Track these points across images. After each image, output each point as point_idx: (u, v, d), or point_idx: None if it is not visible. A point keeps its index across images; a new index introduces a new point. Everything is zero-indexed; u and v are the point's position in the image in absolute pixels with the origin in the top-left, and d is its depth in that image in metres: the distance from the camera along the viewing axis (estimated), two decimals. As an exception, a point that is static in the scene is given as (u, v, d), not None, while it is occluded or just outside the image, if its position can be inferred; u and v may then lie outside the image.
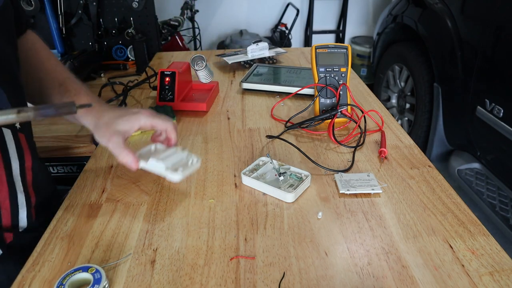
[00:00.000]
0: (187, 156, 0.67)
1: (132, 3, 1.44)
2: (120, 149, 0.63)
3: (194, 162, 0.66)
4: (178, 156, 0.67)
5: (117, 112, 0.68)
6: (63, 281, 0.51)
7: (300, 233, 0.61)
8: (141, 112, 0.67)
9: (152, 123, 0.67)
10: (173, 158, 0.66)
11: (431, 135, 2.06)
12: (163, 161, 0.63)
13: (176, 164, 0.65)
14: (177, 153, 0.68)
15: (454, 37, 1.81)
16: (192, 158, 0.67)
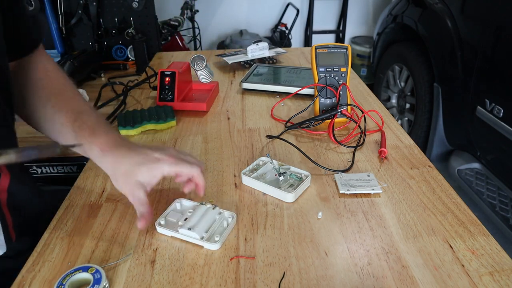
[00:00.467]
0: (219, 214, 0.61)
1: (132, 3, 1.44)
2: (143, 206, 0.58)
3: (229, 221, 0.60)
4: (210, 216, 0.61)
5: (137, 157, 0.59)
6: (63, 281, 0.51)
7: (300, 233, 0.61)
8: (164, 159, 0.59)
9: (177, 170, 0.59)
10: (206, 220, 0.60)
11: (431, 135, 2.06)
12: (195, 230, 0.58)
13: (210, 228, 0.59)
14: (208, 213, 0.61)
15: (454, 37, 1.81)
16: (224, 216, 0.61)
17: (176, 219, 0.62)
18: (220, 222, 0.61)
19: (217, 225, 0.60)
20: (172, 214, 0.63)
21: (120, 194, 0.71)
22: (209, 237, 0.58)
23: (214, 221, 0.61)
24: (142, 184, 0.58)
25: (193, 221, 0.59)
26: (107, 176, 0.76)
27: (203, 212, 0.62)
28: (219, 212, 0.62)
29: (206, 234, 0.58)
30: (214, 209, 0.62)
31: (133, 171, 0.58)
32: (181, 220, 0.61)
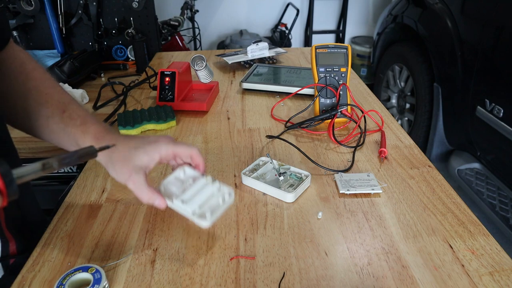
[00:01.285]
0: (218, 189, 0.59)
1: (132, 3, 1.44)
2: (143, 189, 0.55)
3: (226, 198, 0.58)
4: (207, 190, 0.59)
5: (132, 142, 0.58)
6: (63, 281, 0.50)
7: (300, 233, 0.61)
8: (160, 140, 0.58)
9: (174, 151, 0.58)
10: (202, 194, 0.58)
11: (431, 135, 2.06)
12: (189, 203, 0.56)
13: (205, 204, 0.57)
14: (207, 187, 0.59)
15: (454, 37, 1.81)
16: (223, 191, 0.59)
17: (175, 188, 0.59)
18: (217, 198, 0.58)
19: (214, 201, 0.58)
20: (174, 182, 0.60)
21: (120, 194, 0.71)
22: (201, 213, 0.55)
23: (211, 196, 0.58)
24: (141, 168, 0.56)
25: (189, 194, 0.57)
26: (107, 176, 0.76)
27: (202, 185, 0.59)
28: (218, 187, 0.59)
29: (199, 209, 0.56)
30: (214, 183, 0.59)
31: (130, 155, 0.56)
32: (179, 190, 0.59)
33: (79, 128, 0.60)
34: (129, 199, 0.70)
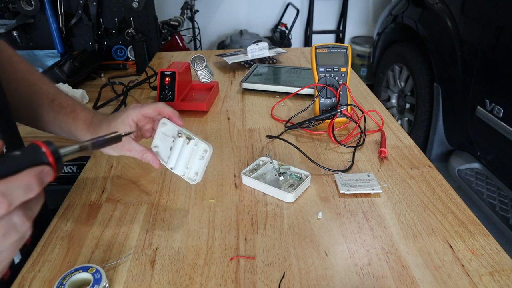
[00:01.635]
0: (196, 146, 0.62)
1: (132, 3, 1.44)
2: (139, 151, 0.61)
3: (205, 156, 0.61)
4: (187, 150, 0.62)
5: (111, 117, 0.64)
6: (63, 281, 0.51)
7: (300, 233, 0.61)
8: (128, 108, 0.63)
9: (142, 112, 0.63)
10: (184, 155, 0.62)
11: (431, 135, 2.06)
12: (177, 169, 0.62)
13: (190, 163, 0.62)
14: (185, 146, 0.62)
15: (454, 37, 1.81)
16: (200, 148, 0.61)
17: (165, 146, 0.63)
18: (197, 156, 0.62)
19: (195, 159, 0.62)
20: (162, 138, 0.64)
21: (120, 194, 0.71)
22: (189, 173, 0.61)
23: (191, 154, 0.62)
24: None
25: (174, 158, 0.62)
26: (107, 176, 0.76)
27: (181, 145, 0.63)
28: (195, 144, 0.62)
29: (186, 170, 0.61)
30: (189, 143, 0.63)
31: (111, 128, 0.61)
32: (167, 150, 0.63)
33: (70, 115, 0.65)
34: (129, 199, 0.70)
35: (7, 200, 0.31)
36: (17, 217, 0.32)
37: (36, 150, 0.34)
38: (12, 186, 0.32)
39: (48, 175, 0.35)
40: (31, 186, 0.33)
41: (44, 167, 0.34)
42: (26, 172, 0.33)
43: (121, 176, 0.76)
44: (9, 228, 0.32)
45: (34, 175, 0.33)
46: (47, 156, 0.35)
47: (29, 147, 0.35)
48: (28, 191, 0.33)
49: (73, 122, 0.64)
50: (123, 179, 0.75)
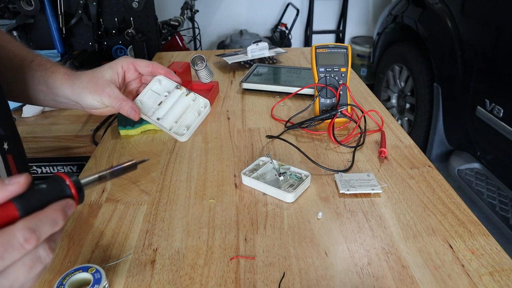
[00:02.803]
0: (193, 100, 0.59)
1: (132, 3, 1.44)
2: (119, 99, 0.58)
3: (202, 110, 0.58)
4: (183, 102, 0.59)
5: (93, 69, 0.63)
6: (63, 281, 0.51)
7: (300, 233, 0.61)
8: (120, 57, 0.63)
9: (133, 62, 0.62)
10: (178, 108, 0.59)
11: (431, 135, 2.06)
12: (165, 120, 0.57)
13: (181, 118, 0.58)
14: (182, 98, 0.59)
15: (454, 37, 1.81)
16: (199, 103, 0.58)
17: (152, 102, 0.60)
18: (193, 110, 0.58)
19: (190, 113, 0.58)
20: (150, 95, 0.60)
21: (120, 194, 0.71)
22: (178, 128, 0.57)
23: (187, 108, 0.59)
24: (110, 81, 0.60)
25: (164, 110, 0.59)
26: (107, 176, 0.76)
27: (177, 97, 0.59)
28: (193, 99, 0.59)
29: (175, 124, 0.57)
30: (188, 95, 0.60)
31: (96, 74, 0.61)
32: (155, 104, 0.59)
33: (49, 70, 0.63)
34: (129, 199, 0.70)
35: (36, 235, 0.32)
36: (43, 250, 0.33)
37: (61, 183, 0.36)
38: (40, 222, 0.33)
39: (71, 207, 0.36)
40: (57, 220, 0.34)
41: (68, 201, 0.35)
42: (52, 207, 0.34)
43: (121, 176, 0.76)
44: (35, 261, 0.33)
45: (59, 210, 0.34)
46: (70, 188, 0.36)
47: (53, 180, 0.36)
48: (54, 225, 0.34)
49: (52, 75, 0.63)
50: (123, 179, 0.75)
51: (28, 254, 0.32)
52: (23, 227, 0.32)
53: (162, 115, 0.58)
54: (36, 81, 0.63)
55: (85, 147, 1.03)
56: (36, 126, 1.11)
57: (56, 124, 1.11)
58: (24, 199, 0.33)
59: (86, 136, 1.05)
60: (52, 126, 1.11)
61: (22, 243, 0.31)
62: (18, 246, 0.31)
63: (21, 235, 0.31)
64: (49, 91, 0.64)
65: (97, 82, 0.60)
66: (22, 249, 0.31)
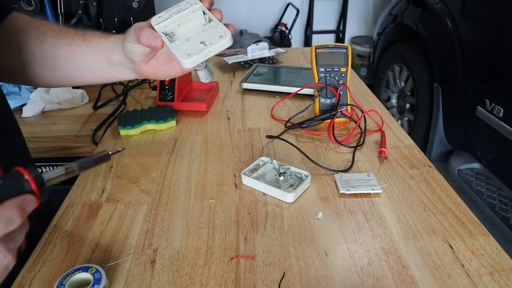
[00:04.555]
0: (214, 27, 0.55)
1: (132, 3, 1.44)
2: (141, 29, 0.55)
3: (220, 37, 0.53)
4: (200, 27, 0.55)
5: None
6: (63, 281, 0.51)
7: (300, 233, 0.61)
8: None
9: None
10: (196, 32, 0.55)
11: (431, 135, 2.06)
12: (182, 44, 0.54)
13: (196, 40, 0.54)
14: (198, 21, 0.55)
15: (454, 37, 1.81)
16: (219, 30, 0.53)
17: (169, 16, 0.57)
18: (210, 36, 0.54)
19: (206, 37, 0.53)
20: (172, 11, 0.58)
21: (120, 194, 0.71)
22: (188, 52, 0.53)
23: (203, 31, 0.55)
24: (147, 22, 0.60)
25: (182, 31, 0.56)
26: (107, 176, 0.76)
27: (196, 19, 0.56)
28: (212, 23, 0.55)
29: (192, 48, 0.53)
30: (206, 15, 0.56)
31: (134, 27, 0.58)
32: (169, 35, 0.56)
33: (103, 37, 0.63)
34: (129, 199, 0.70)
35: None
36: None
37: (18, 178, 0.33)
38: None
39: (31, 203, 0.34)
40: (12, 218, 0.32)
41: (26, 196, 0.33)
42: (7, 204, 0.32)
43: (121, 176, 0.76)
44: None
45: (15, 207, 0.32)
46: (29, 184, 0.34)
47: (10, 175, 0.34)
48: (9, 224, 0.32)
49: (106, 39, 0.63)
50: (123, 179, 0.75)
51: None
52: None
53: (179, 35, 0.56)
54: (91, 50, 0.63)
55: (85, 147, 1.03)
56: (36, 126, 1.11)
57: (56, 124, 1.11)
58: None
59: (86, 136, 1.05)
60: (52, 126, 1.10)
61: None
62: None
63: None
64: (103, 57, 0.63)
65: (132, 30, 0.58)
66: None
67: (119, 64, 0.63)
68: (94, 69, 0.65)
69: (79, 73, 0.66)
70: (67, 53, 0.64)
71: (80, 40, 0.64)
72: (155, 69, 0.62)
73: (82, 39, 0.64)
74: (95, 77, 0.67)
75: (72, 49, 0.64)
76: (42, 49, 0.64)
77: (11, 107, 0.72)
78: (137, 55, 0.59)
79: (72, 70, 0.65)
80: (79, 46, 0.63)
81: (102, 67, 0.64)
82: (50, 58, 0.64)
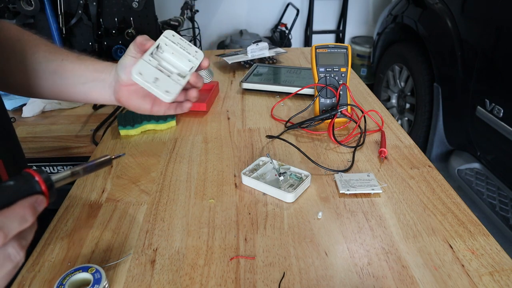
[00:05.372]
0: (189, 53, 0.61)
1: (132, 3, 1.44)
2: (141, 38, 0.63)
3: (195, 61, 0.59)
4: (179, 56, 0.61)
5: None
6: (63, 281, 0.51)
7: (300, 233, 0.61)
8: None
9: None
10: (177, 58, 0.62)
11: (431, 135, 2.06)
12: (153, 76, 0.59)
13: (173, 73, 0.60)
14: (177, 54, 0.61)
15: (454, 37, 1.81)
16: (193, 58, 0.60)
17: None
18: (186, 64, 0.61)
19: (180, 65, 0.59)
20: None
21: (120, 194, 0.71)
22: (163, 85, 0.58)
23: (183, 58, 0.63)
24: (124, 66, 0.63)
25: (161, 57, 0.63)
26: (107, 176, 0.76)
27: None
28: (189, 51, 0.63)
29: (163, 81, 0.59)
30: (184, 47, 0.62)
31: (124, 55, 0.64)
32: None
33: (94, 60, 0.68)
34: (129, 199, 0.70)
35: (3, 232, 0.32)
36: (12, 248, 0.33)
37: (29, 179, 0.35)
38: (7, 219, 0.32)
39: (41, 203, 0.35)
40: (25, 217, 0.33)
41: (37, 197, 0.35)
42: (20, 203, 0.34)
43: (121, 176, 0.76)
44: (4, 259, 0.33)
45: (28, 206, 0.34)
46: (40, 185, 0.35)
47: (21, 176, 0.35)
48: (23, 222, 0.33)
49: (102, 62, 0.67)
50: (123, 179, 0.75)
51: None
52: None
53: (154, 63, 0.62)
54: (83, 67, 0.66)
55: (85, 147, 1.03)
56: (36, 126, 1.11)
57: (56, 124, 1.11)
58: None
59: (86, 136, 1.05)
60: (52, 126, 1.10)
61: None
62: None
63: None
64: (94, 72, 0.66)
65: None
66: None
67: (103, 80, 0.66)
68: (79, 83, 0.67)
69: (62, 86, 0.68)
70: (57, 67, 0.66)
71: (74, 58, 0.67)
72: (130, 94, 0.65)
73: (77, 58, 0.67)
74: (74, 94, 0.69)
75: (64, 64, 0.66)
76: (33, 60, 0.66)
77: (11, 107, 0.72)
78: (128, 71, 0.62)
79: (56, 82, 0.67)
80: (72, 63, 0.66)
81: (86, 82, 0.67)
82: (39, 69, 0.66)
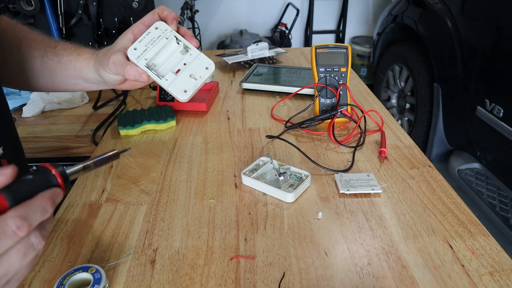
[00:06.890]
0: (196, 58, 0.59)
1: (132, 3, 1.44)
2: (123, 65, 0.57)
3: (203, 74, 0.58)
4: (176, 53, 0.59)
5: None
6: (63, 281, 0.51)
7: (300, 233, 0.61)
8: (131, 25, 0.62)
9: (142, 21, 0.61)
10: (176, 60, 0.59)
11: (431, 135, 2.07)
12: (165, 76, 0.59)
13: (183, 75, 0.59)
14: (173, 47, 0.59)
15: (454, 37, 1.81)
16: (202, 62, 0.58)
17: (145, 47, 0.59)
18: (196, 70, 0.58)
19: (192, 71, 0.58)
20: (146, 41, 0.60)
21: (120, 194, 0.71)
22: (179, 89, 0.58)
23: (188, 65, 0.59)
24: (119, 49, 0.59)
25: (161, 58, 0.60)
26: (107, 176, 0.76)
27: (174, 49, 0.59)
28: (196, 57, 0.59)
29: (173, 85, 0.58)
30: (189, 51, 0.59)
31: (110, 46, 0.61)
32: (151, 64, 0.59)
33: (74, 53, 0.64)
34: (129, 199, 0.70)
35: (28, 222, 0.33)
36: (34, 238, 0.35)
37: (46, 173, 0.37)
38: (30, 210, 0.34)
39: (59, 196, 0.37)
40: (46, 208, 0.35)
41: (55, 189, 0.37)
42: (41, 195, 0.36)
43: (121, 176, 0.76)
44: (28, 248, 0.34)
45: (48, 198, 0.36)
46: (56, 178, 0.37)
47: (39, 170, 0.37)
48: (44, 213, 0.35)
49: (78, 57, 0.64)
50: (123, 179, 0.75)
51: (21, 241, 0.33)
52: (15, 215, 0.33)
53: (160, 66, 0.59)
54: (64, 66, 0.65)
55: (85, 147, 1.03)
56: (36, 126, 1.11)
57: (56, 124, 1.11)
58: (12, 189, 0.34)
59: (86, 136, 1.05)
60: (52, 126, 1.10)
61: (15, 231, 0.32)
62: (11, 234, 0.32)
63: (13, 223, 0.32)
64: (77, 75, 0.65)
65: (106, 54, 0.59)
66: (15, 236, 0.33)
67: (94, 81, 0.65)
68: (71, 83, 0.67)
69: (56, 84, 0.68)
70: (41, 66, 0.66)
71: (52, 54, 0.65)
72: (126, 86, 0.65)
73: (54, 53, 0.65)
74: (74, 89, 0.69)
75: (45, 62, 0.66)
76: (19, 57, 0.66)
77: (11, 107, 0.73)
78: (115, 81, 0.62)
79: (48, 82, 0.68)
80: (51, 60, 0.65)
81: (79, 83, 0.67)
82: (26, 67, 0.67)
